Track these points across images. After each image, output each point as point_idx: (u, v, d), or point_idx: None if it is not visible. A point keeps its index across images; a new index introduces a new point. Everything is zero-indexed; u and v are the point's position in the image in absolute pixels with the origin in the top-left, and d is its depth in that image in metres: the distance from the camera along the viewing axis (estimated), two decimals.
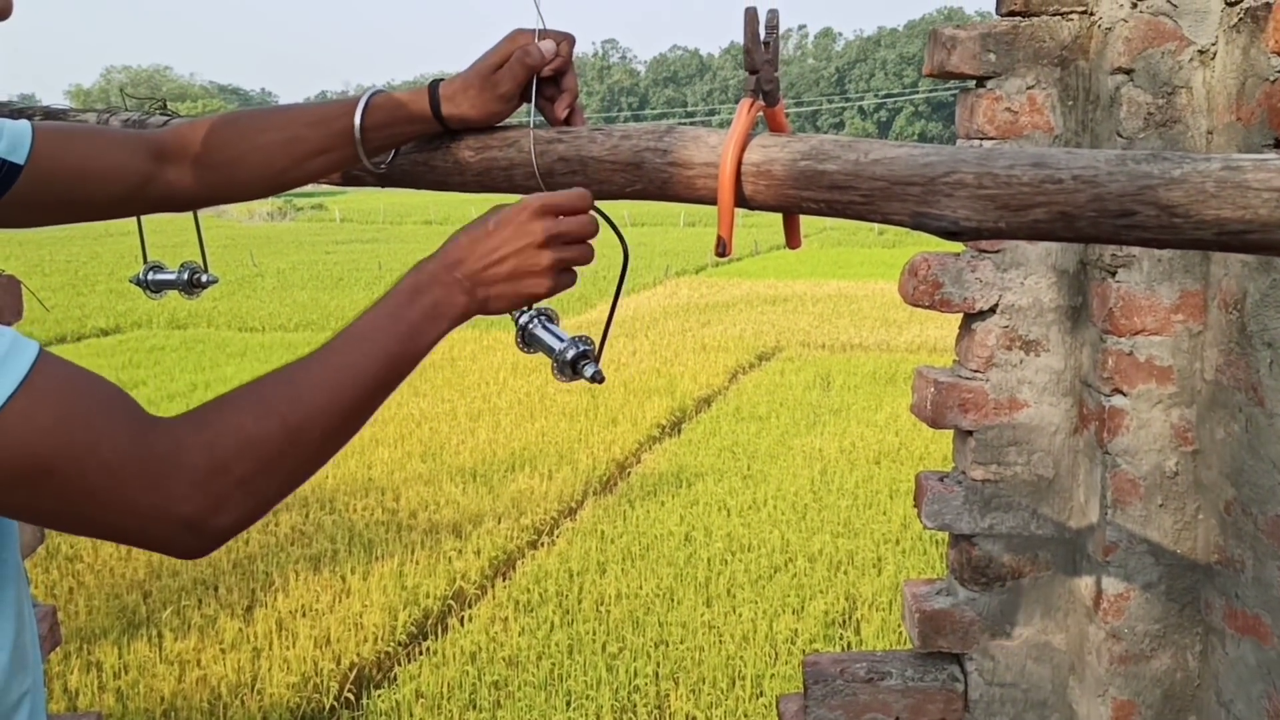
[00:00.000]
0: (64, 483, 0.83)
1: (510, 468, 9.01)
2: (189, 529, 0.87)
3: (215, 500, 0.87)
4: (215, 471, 0.87)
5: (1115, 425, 1.79)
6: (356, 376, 0.97)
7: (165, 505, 0.86)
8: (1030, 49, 1.80)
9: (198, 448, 0.87)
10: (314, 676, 5.35)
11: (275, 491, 0.92)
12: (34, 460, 0.81)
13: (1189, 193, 0.86)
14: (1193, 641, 1.82)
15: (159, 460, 0.86)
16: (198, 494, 0.87)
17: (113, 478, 0.84)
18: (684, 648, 5.70)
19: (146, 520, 0.86)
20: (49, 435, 0.82)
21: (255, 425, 0.90)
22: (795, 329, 16.33)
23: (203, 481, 0.87)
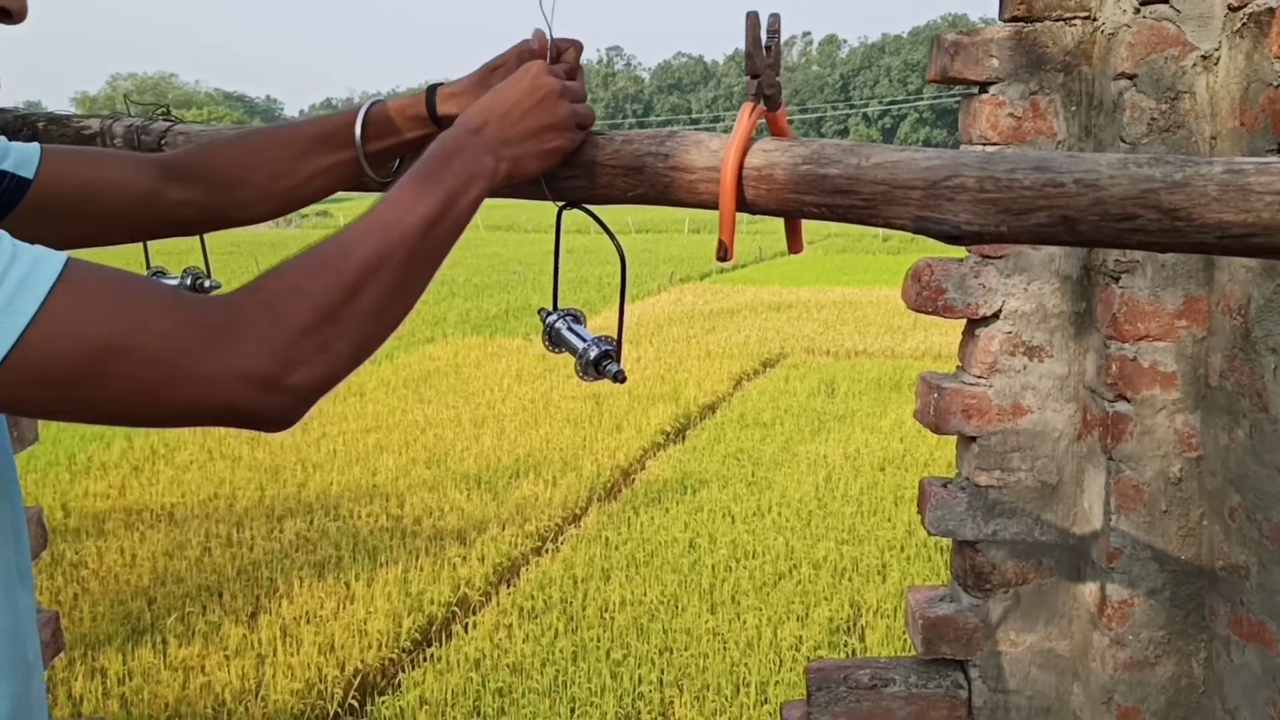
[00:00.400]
0: (125, 363, 0.81)
1: (514, 474, 9.00)
2: (266, 387, 0.85)
3: (284, 353, 0.86)
4: (277, 325, 0.86)
5: (1119, 431, 1.78)
6: (403, 234, 0.96)
7: (235, 366, 0.84)
8: (1033, 54, 1.80)
9: (254, 306, 0.86)
10: (318, 683, 5.35)
11: (346, 348, 0.91)
12: (89, 346, 0.80)
13: (1191, 196, 0.86)
14: (1197, 648, 1.82)
15: (217, 323, 0.84)
16: (265, 349, 0.85)
17: (174, 347, 0.82)
18: (688, 654, 5.69)
19: (220, 387, 0.84)
20: (98, 319, 0.80)
21: (309, 280, 0.89)
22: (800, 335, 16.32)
23: (267, 336, 0.85)
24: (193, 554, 7.14)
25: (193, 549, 7.23)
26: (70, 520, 7.87)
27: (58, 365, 0.79)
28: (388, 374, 13.64)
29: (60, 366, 0.79)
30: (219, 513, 8.08)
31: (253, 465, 9.32)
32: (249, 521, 7.83)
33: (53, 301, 0.79)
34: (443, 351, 15.29)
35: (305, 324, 0.87)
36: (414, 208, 0.99)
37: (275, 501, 8.33)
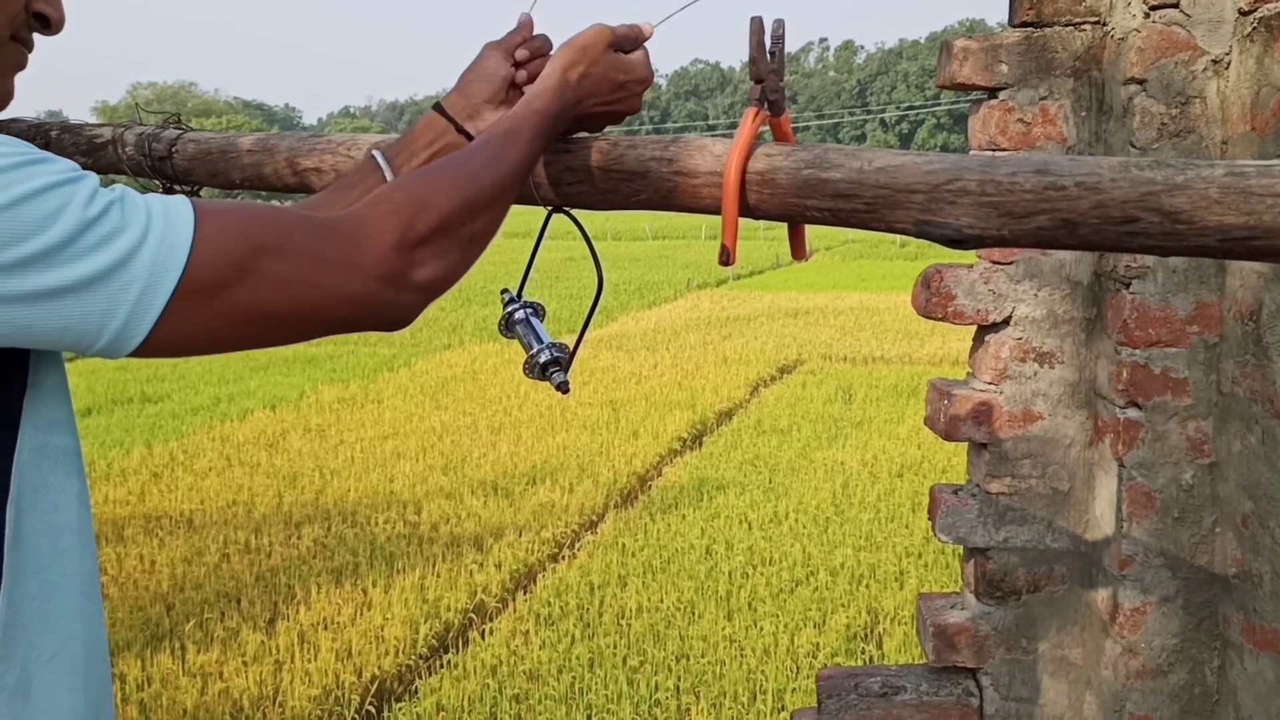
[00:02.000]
0: (275, 258, 0.90)
1: (531, 481, 9.01)
2: (395, 284, 0.95)
3: (409, 255, 0.96)
4: (404, 230, 0.96)
5: (1130, 438, 1.77)
6: (514, 176, 1.08)
7: (368, 265, 0.94)
8: (1043, 59, 1.80)
9: (383, 215, 0.97)
10: (335, 689, 5.36)
11: (457, 256, 1.02)
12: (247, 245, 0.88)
13: (1192, 199, 0.86)
14: (1210, 656, 1.80)
15: (350, 231, 0.95)
16: (394, 252, 0.95)
17: (314, 247, 0.92)
18: (705, 661, 5.68)
19: (356, 283, 0.93)
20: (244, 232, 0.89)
21: (436, 194, 1.00)
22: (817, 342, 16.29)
23: (395, 241, 0.95)
24: (211, 560, 7.17)
25: (211, 555, 7.27)
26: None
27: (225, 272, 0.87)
28: (405, 381, 13.68)
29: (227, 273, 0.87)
30: (237, 519, 8.12)
31: (271, 472, 9.36)
32: (267, 528, 7.86)
33: (202, 221, 0.87)
34: (460, 358, 15.33)
35: (426, 232, 0.98)
36: (529, 154, 1.11)
37: (293, 508, 8.36)
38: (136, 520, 8.10)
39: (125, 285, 0.82)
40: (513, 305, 1.24)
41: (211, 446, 10.36)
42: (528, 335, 1.22)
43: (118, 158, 1.58)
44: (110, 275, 0.81)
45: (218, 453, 10.11)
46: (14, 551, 0.90)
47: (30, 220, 0.79)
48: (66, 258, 0.80)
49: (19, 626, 0.91)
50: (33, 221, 0.79)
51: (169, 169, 1.56)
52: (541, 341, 1.20)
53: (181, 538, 7.68)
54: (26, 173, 0.80)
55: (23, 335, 0.82)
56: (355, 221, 0.96)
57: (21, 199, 0.79)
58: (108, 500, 8.52)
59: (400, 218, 0.96)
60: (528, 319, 1.23)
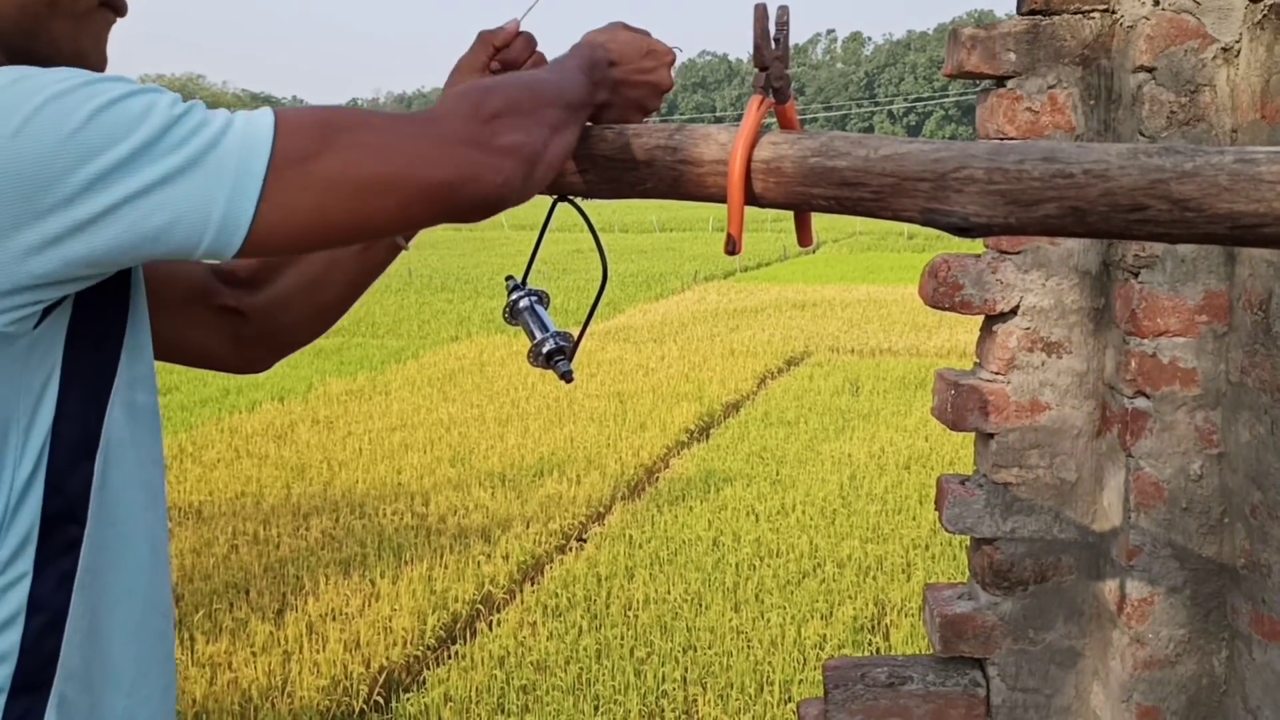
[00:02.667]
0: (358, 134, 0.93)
1: (538, 473, 9.02)
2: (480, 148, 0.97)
3: (487, 125, 0.98)
4: (475, 105, 0.99)
5: (1139, 428, 1.76)
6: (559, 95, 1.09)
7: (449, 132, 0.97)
8: (1051, 48, 1.79)
9: (451, 99, 1.01)
10: (343, 680, 5.38)
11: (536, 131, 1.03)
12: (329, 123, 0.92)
13: (1201, 186, 0.85)
14: (1218, 647, 1.80)
15: (422, 112, 0.98)
16: (468, 121, 0.97)
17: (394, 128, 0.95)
18: (712, 653, 5.69)
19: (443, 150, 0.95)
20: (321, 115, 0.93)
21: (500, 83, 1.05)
22: (824, 334, 16.27)
23: (468, 113, 0.98)
24: (220, 551, 7.20)
25: (220, 546, 7.29)
26: None
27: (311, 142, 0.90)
28: (413, 372, 13.70)
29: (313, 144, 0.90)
30: (246, 510, 8.14)
31: (279, 464, 9.39)
32: (275, 519, 7.88)
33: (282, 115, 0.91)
34: (467, 350, 15.34)
35: (498, 107, 1.00)
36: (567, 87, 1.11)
37: (301, 499, 8.38)
38: None
39: (218, 172, 0.86)
40: (517, 293, 1.24)
41: (220, 438, 10.39)
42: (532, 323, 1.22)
43: None
44: (204, 159, 0.86)
45: (226, 444, 10.13)
46: (98, 500, 0.95)
47: (124, 120, 0.84)
48: (161, 150, 0.85)
49: (94, 570, 0.96)
50: (126, 121, 0.85)
51: None
52: (546, 330, 1.20)
53: (190, 528, 7.70)
54: (107, 85, 0.86)
55: (135, 241, 0.86)
56: (428, 109, 0.99)
57: (111, 103, 0.85)
58: None
59: (469, 99, 0.99)
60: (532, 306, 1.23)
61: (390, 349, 15.76)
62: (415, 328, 17.90)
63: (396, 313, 19.29)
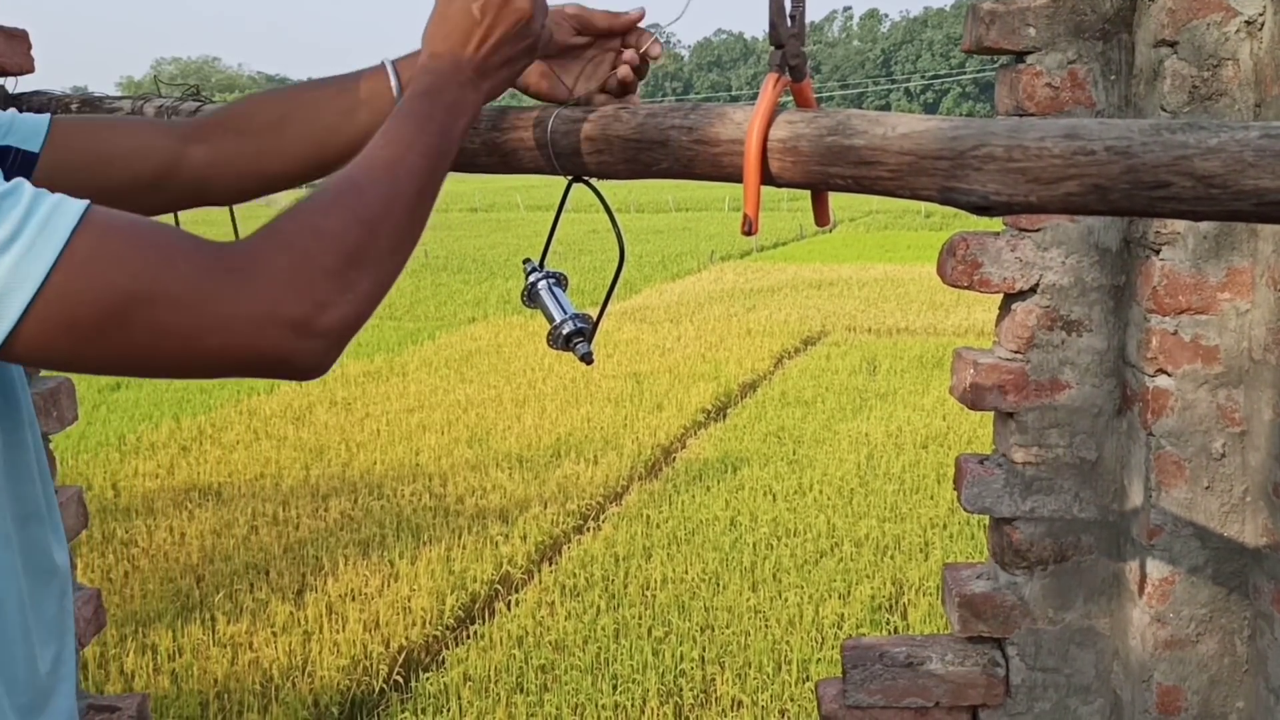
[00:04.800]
0: (152, 308, 0.81)
1: (556, 453, 9.04)
2: (297, 331, 0.85)
3: (309, 295, 0.85)
4: (299, 266, 0.86)
5: (1160, 406, 1.75)
6: (409, 171, 0.97)
7: (262, 309, 0.83)
8: (1071, 22, 1.77)
9: (275, 249, 0.86)
10: (363, 659, 5.41)
11: (368, 286, 0.90)
12: (115, 290, 0.80)
13: (1226, 162, 0.84)
14: (1240, 626, 1.79)
15: (240, 267, 0.84)
16: (290, 291, 0.84)
17: (200, 292, 0.82)
18: (730, 632, 5.70)
19: (250, 331, 0.83)
20: (123, 263, 0.80)
21: (326, 220, 0.89)
22: (841, 313, 16.22)
23: (290, 278, 0.85)
24: (240, 532, 7.25)
25: (240, 527, 7.34)
26: (120, 499, 8.01)
27: (83, 311, 0.79)
28: (430, 354, 13.73)
29: (86, 312, 0.79)
30: (265, 492, 8.19)
31: (298, 445, 9.43)
32: (295, 500, 7.93)
33: (75, 244, 0.79)
34: (484, 331, 15.36)
35: (328, 265, 0.87)
36: (415, 144, 0.99)
37: (320, 481, 8.42)
38: (166, 493, 8.19)
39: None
40: (535, 275, 1.24)
41: (239, 420, 10.44)
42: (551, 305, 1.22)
43: None
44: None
45: (245, 426, 10.19)
46: None
47: None
48: None
49: None
50: None
51: None
52: (565, 312, 1.20)
53: (210, 510, 7.75)
54: None
55: None
56: (248, 255, 0.85)
57: None
58: (138, 474, 8.61)
59: (294, 253, 0.86)
60: (550, 289, 1.23)
61: (407, 330, 15.79)
62: (432, 309, 17.93)
63: (413, 294, 19.32)
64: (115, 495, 8.10)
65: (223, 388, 11.88)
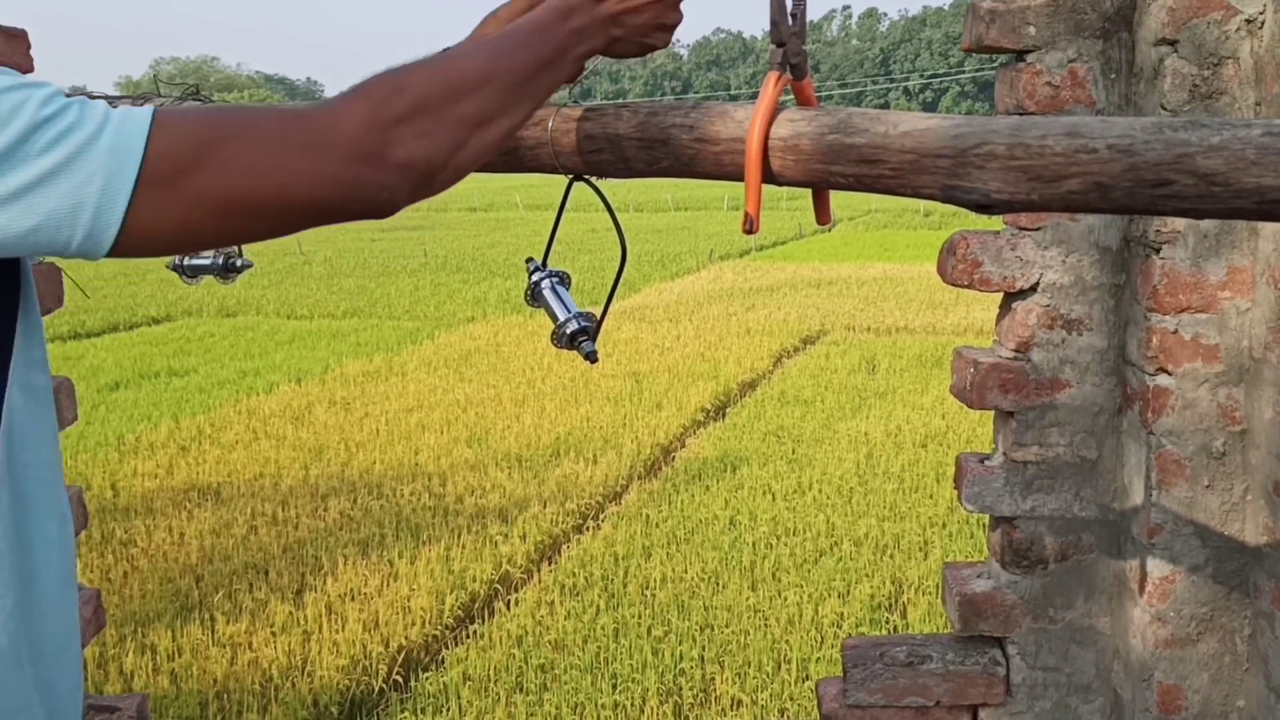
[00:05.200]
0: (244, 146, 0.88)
1: (555, 453, 9.03)
2: (370, 162, 0.91)
3: (383, 133, 0.92)
4: (376, 110, 0.92)
5: (1160, 405, 1.75)
6: (512, 65, 1.02)
7: (338, 143, 0.91)
8: (1071, 21, 1.77)
9: (355, 97, 0.94)
10: (363, 659, 5.41)
11: (445, 140, 0.96)
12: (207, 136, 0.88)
13: (1228, 160, 0.84)
14: (1241, 625, 1.79)
15: (319, 116, 0.92)
16: (364, 130, 0.91)
17: (281, 134, 0.90)
18: (729, 631, 5.70)
19: (334, 165, 0.90)
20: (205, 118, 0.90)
21: (410, 78, 0.96)
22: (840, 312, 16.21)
23: (366, 119, 0.92)
24: (239, 532, 7.24)
25: (239, 527, 7.33)
26: (119, 499, 8.00)
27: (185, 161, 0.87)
28: (429, 353, 13.72)
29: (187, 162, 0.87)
30: (264, 491, 8.18)
31: (297, 445, 9.42)
32: (294, 500, 7.92)
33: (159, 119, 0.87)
34: (483, 331, 15.35)
35: (403, 111, 0.93)
36: (526, 46, 1.04)
37: (319, 480, 8.42)
38: (165, 493, 8.18)
39: (87, 177, 0.83)
40: (538, 274, 1.24)
41: (238, 420, 10.44)
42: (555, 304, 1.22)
43: None
44: (70, 167, 0.83)
45: (244, 426, 10.18)
46: (8, 481, 0.95)
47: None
48: (24, 155, 0.82)
49: (13, 550, 0.96)
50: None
51: None
52: (569, 311, 1.20)
53: (209, 510, 7.75)
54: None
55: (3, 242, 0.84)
56: (325, 108, 0.93)
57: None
58: (136, 474, 8.60)
59: (371, 99, 0.93)
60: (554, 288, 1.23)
61: (406, 330, 15.78)
62: (431, 309, 17.93)
63: (412, 294, 19.31)
64: (114, 495, 8.09)
65: (221, 387, 11.88)
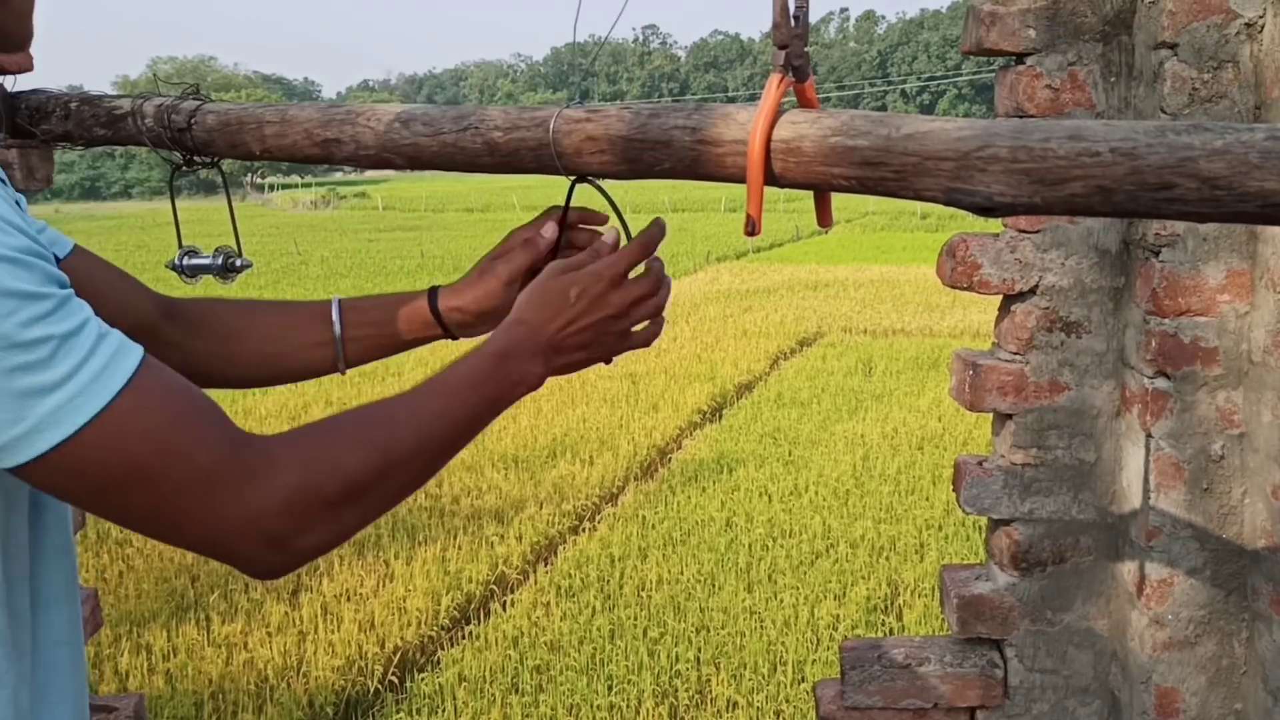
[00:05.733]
0: (158, 487, 0.85)
1: (552, 454, 9.04)
2: (272, 546, 0.89)
3: (301, 519, 0.89)
4: (305, 490, 0.89)
5: (1159, 408, 1.75)
6: (444, 427, 1.01)
7: (253, 519, 0.87)
8: (1071, 24, 1.77)
9: (292, 466, 0.90)
10: (358, 660, 5.41)
11: (356, 523, 0.94)
12: (133, 462, 0.83)
13: (1231, 164, 0.84)
14: (1239, 628, 1.79)
15: (252, 473, 0.88)
16: (285, 510, 0.88)
17: (205, 486, 0.86)
18: (725, 633, 5.70)
19: (232, 533, 0.87)
20: (151, 437, 0.84)
21: (350, 456, 0.93)
22: (837, 314, 16.23)
23: (292, 498, 0.88)
24: None
25: None
26: None
27: (97, 471, 0.82)
28: (424, 353, 13.70)
29: (98, 473, 0.83)
30: None
31: None
32: None
33: (117, 404, 0.82)
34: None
35: (330, 498, 0.91)
36: (464, 402, 1.04)
37: None
38: None
39: (14, 420, 0.79)
40: None
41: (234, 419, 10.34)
42: None
43: (137, 129, 1.57)
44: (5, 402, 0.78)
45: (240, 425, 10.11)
46: None
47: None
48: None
49: None
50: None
51: (188, 140, 1.55)
52: None
53: None
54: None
55: None
56: (266, 459, 0.89)
57: None
58: None
59: (306, 475, 0.90)
60: None
61: None
62: None
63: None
64: None
65: None
